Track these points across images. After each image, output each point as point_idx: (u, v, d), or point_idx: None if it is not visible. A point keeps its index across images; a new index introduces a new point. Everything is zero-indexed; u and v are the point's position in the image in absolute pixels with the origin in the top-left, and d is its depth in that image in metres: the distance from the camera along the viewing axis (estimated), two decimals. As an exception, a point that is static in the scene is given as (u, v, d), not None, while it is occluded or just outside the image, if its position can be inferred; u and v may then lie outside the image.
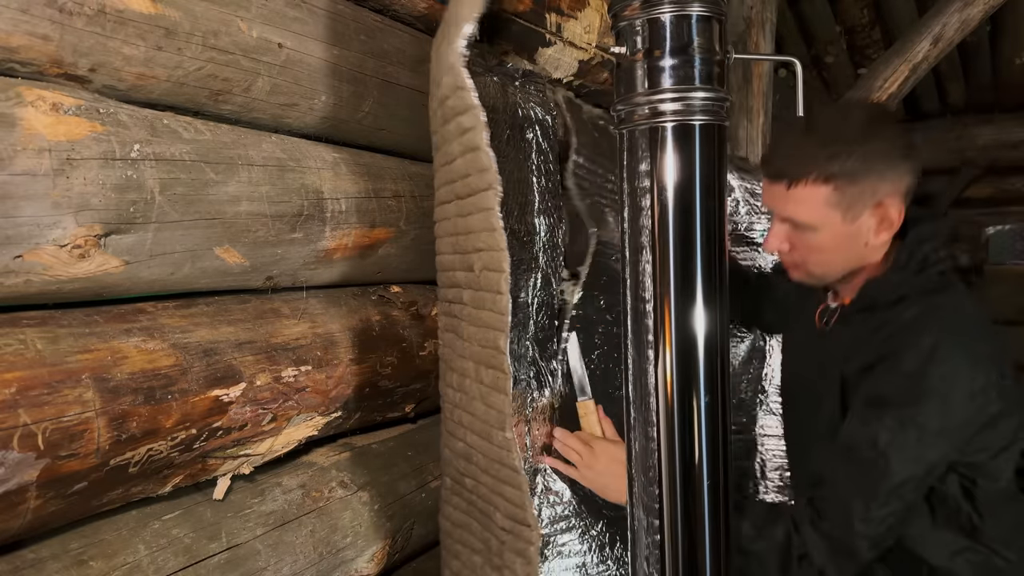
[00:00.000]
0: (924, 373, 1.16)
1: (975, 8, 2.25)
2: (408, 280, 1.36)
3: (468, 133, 1.01)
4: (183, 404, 0.90)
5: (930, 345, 1.17)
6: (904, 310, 1.24)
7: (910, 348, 1.19)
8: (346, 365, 1.15)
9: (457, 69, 0.99)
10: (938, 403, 1.16)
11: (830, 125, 1.24)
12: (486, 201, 1.00)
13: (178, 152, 0.89)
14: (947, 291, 1.24)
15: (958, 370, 1.17)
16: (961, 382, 1.17)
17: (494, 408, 1.06)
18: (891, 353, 1.20)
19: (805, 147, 1.22)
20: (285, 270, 1.09)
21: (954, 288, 1.25)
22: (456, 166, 1.06)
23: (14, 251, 0.76)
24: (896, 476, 1.17)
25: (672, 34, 0.88)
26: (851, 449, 1.21)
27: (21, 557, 0.83)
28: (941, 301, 1.23)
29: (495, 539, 1.14)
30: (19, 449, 0.74)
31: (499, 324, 1.03)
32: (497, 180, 0.97)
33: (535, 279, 1.26)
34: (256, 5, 0.98)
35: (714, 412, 0.95)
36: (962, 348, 1.18)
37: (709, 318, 0.93)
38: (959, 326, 1.21)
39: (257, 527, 1.05)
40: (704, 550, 0.97)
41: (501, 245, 1.00)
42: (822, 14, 3.49)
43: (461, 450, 1.16)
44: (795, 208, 1.24)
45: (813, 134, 1.23)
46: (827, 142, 1.21)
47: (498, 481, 1.10)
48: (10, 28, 0.74)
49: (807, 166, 1.21)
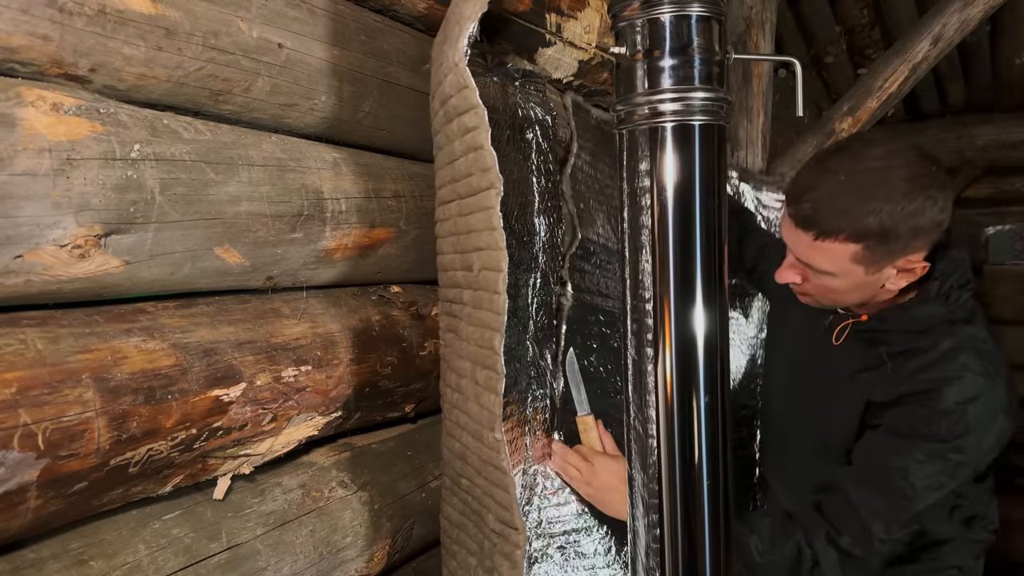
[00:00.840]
0: (965, 411, 1.18)
1: (975, 8, 2.25)
2: (408, 280, 1.36)
3: (471, 132, 1.01)
4: (183, 404, 0.90)
5: (971, 383, 1.19)
6: (936, 341, 1.23)
7: (950, 384, 1.20)
8: (346, 365, 1.15)
9: (461, 68, 0.99)
10: (975, 439, 1.19)
11: (872, 181, 1.14)
12: (487, 200, 1.00)
13: (178, 152, 0.89)
14: (974, 321, 1.25)
15: (994, 406, 1.20)
16: (996, 418, 1.20)
17: (486, 408, 1.06)
18: (931, 389, 1.21)
19: (841, 202, 1.14)
20: (285, 270, 1.09)
21: (978, 316, 1.26)
22: (458, 165, 1.06)
23: (14, 251, 0.76)
24: (921, 503, 1.20)
25: (672, 34, 0.88)
26: (876, 474, 1.23)
27: (21, 557, 0.83)
28: (971, 332, 1.23)
29: (488, 540, 1.14)
30: (19, 449, 0.74)
31: (495, 324, 1.03)
32: (499, 179, 0.98)
33: (535, 279, 1.26)
34: (256, 5, 0.98)
35: (714, 412, 0.95)
36: (996, 384, 1.21)
37: (709, 318, 0.93)
38: (991, 359, 1.23)
39: (257, 527, 1.05)
40: (704, 549, 0.97)
41: (500, 244, 1.00)
42: (822, 14, 3.49)
43: (458, 450, 1.17)
44: (818, 257, 1.20)
45: (852, 188, 1.14)
46: (866, 199, 1.13)
47: (489, 483, 1.10)
48: (10, 28, 0.74)
49: (840, 223, 1.14)
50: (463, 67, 0.99)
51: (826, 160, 1.19)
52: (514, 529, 1.08)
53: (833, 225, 1.15)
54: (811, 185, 1.18)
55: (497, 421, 1.04)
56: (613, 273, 1.48)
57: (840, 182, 1.15)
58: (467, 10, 1.01)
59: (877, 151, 1.15)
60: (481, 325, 1.07)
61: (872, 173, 1.14)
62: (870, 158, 1.15)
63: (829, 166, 1.17)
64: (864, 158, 1.15)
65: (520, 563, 1.08)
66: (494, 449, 1.06)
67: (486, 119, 0.97)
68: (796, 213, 1.19)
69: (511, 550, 1.09)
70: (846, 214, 1.14)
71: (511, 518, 1.08)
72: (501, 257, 1.00)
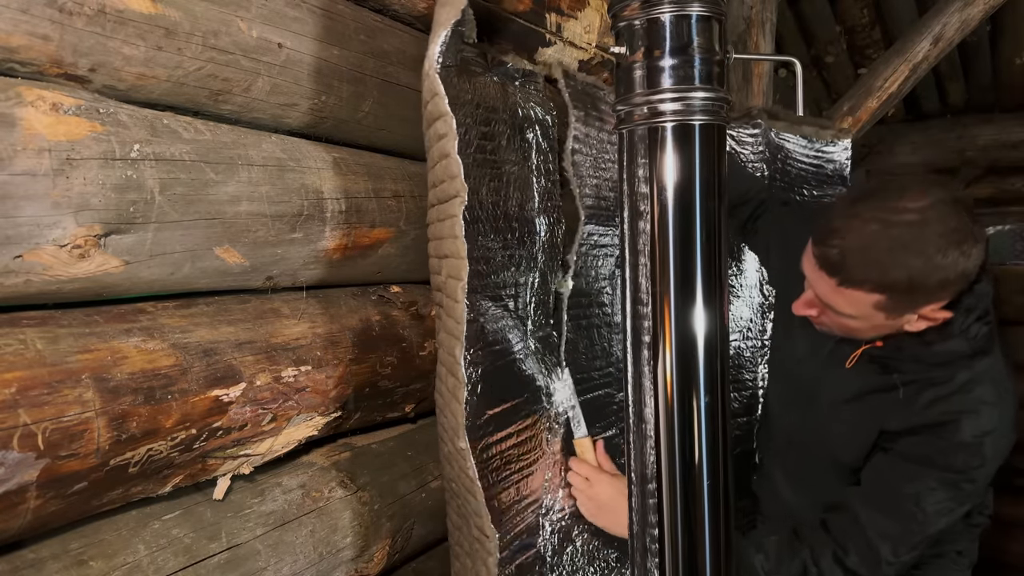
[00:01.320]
0: (982, 444, 1.19)
1: (975, 8, 2.25)
2: (408, 280, 1.36)
3: (442, 140, 1.02)
4: (183, 404, 0.90)
5: (988, 416, 1.20)
6: (953, 374, 1.22)
7: (967, 418, 1.20)
8: (346, 365, 1.15)
9: (431, 76, 1.00)
10: (987, 469, 1.21)
11: (906, 235, 1.08)
12: (452, 208, 1.01)
13: (178, 152, 0.89)
14: (991, 351, 1.24)
15: (1006, 438, 1.22)
16: (1006, 446, 1.23)
17: (454, 416, 1.06)
18: (948, 422, 1.20)
19: (871, 253, 1.10)
20: (285, 270, 1.09)
21: (995, 344, 1.25)
22: (436, 171, 1.07)
23: (14, 251, 0.76)
24: (931, 528, 1.22)
25: (672, 34, 0.88)
26: (888, 498, 1.23)
27: (21, 557, 0.83)
28: (988, 364, 1.23)
29: (474, 544, 1.15)
30: (19, 449, 0.74)
31: (457, 332, 1.03)
32: (463, 188, 0.98)
33: (533, 278, 1.26)
34: (256, 5, 0.98)
35: (714, 412, 0.95)
36: (1009, 415, 1.22)
37: (709, 318, 0.93)
38: (1004, 384, 1.24)
39: (257, 527, 1.05)
40: (704, 549, 0.97)
41: (462, 254, 1.00)
42: (822, 14, 3.49)
43: (446, 454, 1.17)
44: (840, 301, 1.17)
45: (884, 240, 1.09)
46: (898, 253, 1.08)
47: (465, 489, 1.10)
48: (10, 28, 0.74)
49: (868, 274, 1.11)
50: (433, 75, 0.99)
51: (858, 204, 1.13)
52: (486, 536, 1.08)
53: (860, 275, 1.12)
54: (841, 230, 1.12)
55: (461, 430, 1.04)
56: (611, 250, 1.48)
57: (871, 232, 1.10)
58: (442, 17, 1.01)
59: (913, 202, 1.09)
60: (448, 332, 1.07)
61: (907, 227, 1.08)
62: (905, 210, 1.09)
63: (861, 212, 1.12)
64: (899, 209, 1.09)
65: (494, 570, 1.08)
66: (463, 457, 1.06)
67: (454, 127, 0.98)
68: (822, 255, 1.15)
69: (486, 556, 1.09)
70: (875, 266, 1.10)
71: (482, 524, 1.08)
72: (462, 267, 1.00)
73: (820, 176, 2.16)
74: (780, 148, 2.02)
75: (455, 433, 1.07)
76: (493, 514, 1.11)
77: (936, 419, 1.21)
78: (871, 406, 1.29)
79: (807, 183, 2.12)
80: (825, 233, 1.15)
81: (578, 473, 1.27)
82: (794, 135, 2.06)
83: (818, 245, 1.16)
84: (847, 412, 1.33)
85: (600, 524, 1.28)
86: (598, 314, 1.45)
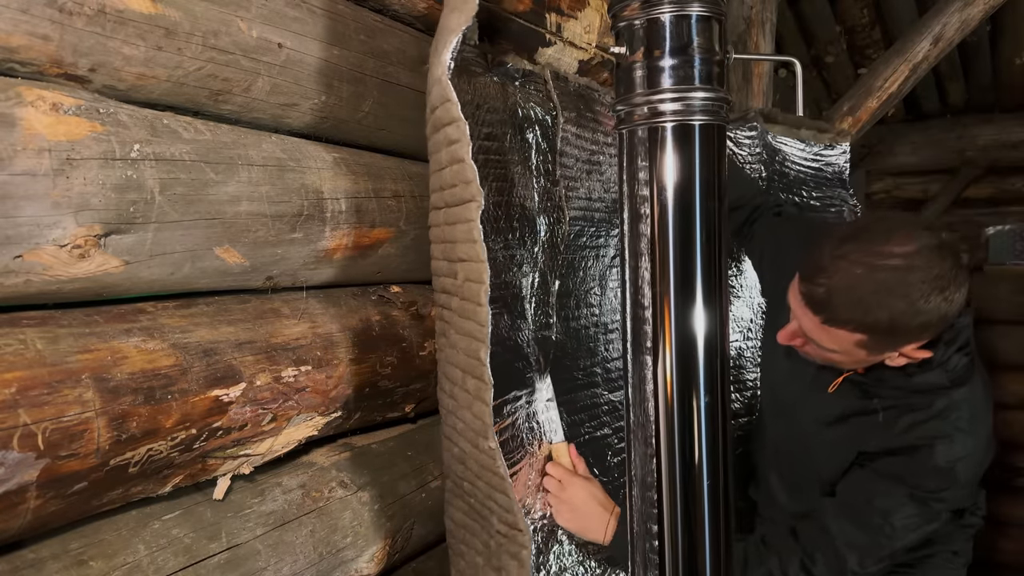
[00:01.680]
0: (953, 468, 1.24)
1: (975, 8, 2.25)
2: (408, 280, 1.36)
3: (454, 145, 1.01)
4: (183, 404, 0.90)
5: (961, 443, 1.24)
6: (931, 401, 1.26)
7: (941, 443, 1.24)
8: (346, 365, 1.15)
9: (444, 82, 0.99)
10: (957, 492, 1.26)
11: (891, 279, 1.10)
12: (468, 212, 1.01)
13: (178, 152, 0.89)
14: (970, 380, 1.27)
15: (977, 461, 1.26)
16: (979, 468, 1.28)
17: (479, 418, 1.06)
18: (922, 446, 1.25)
19: (856, 294, 1.11)
20: (285, 270, 1.09)
21: (975, 371, 1.28)
22: (444, 175, 1.06)
23: (14, 251, 0.76)
24: (898, 542, 1.26)
25: (672, 34, 0.88)
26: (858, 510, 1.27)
27: (21, 557, 0.82)
28: (964, 393, 1.26)
29: (493, 541, 1.15)
30: (19, 449, 0.74)
31: (480, 335, 1.03)
32: (479, 192, 0.98)
33: (534, 278, 1.27)
34: (256, 5, 0.98)
35: (714, 413, 0.95)
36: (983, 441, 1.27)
37: (709, 318, 0.93)
38: (982, 418, 1.28)
39: (257, 527, 1.05)
40: (704, 549, 0.97)
41: (482, 257, 1.00)
42: (822, 14, 3.49)
43: (457, 455, 1.17)
44: (823, 337, 1.20)
45: (869, 283, 1.11)
46: (882, 296, 1.10)
47: (489, 487, 1.10)
48: (10, 28, 0.74)
49: (852, 315, 1.13)
50: (445, 81, 0.99)
51: (846, 245, 1.14)
52: (519, 531, 1.08)
53: (844, 315, 1.14)
54: (828, 269, 1.14)
55: (489, 430, 1.04)
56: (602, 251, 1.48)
57: (858, 274, 1.11)
58: (452, 23, 1.01)
59: (900, 246, 1.11)
60: (467, 335, 1.07)
61: (892, 272, 1.10)
62: (892, 255, 1.10)
63: (848, 253, 1.13)
64: (886, 254, 1.11)
65: (527, 562, 1.08)
66: (490, 456, 1.06)
67: (467, 132, 0.98)
68: (808, 293, 1.17)
69: (517, 550, 1.09)
70: (859, 307, 1.12)
71: (515, 520, 1.08)
72: (483, 269, 1.00)
73: (819, 179, 2.16)
74: (777, 151, 2.02)
75: (480, 434, 1.06)
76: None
77: (912, 442, 1.26)
78: (852, 429, 1.34)
79: (806, 185, 2.12)
80: (813, 271, 1.17)
81: (552, 476, 1.28)
82: (791, 138, 2.07)
83: (805, 282, 1.18)
84: (829, 434, 1.37)
85: (572, 528, 1.27)
86: (587, 315, 1.45)
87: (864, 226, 1.19)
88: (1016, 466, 4.27)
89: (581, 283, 1.43)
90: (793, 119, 2.10)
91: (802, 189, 2.10)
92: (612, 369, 1.51)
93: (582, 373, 1.43)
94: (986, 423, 1.29)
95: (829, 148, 2.19)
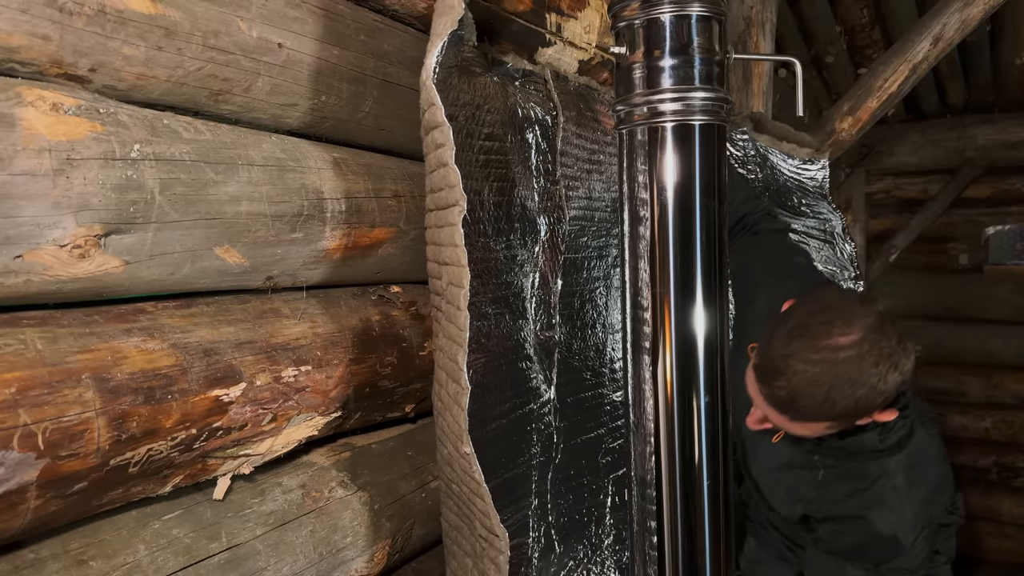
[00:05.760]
0: (895, 536, 1.29)
1: (975, 8, 2.25)
2: (408, 280, 1.36)
3: (439, 149, 1.02)
4: (183, 404, 0.90)
5: (899, 508, 1.28)
6: (864, 467, 1.31)
7: (877, 512, 1.29)
8: (346, 365, 1.15)
9: (428, 86, 1.00)
10: (907, 555, 1.30)
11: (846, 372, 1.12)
12: (451, 216, 1.01)
13: (178, 152, 0.89)
14: (913, 438, 1.31)
15: (917, 523, 1.30)
16: (924, 531, 1.31)
17: (457, 422, 1.06)
18: (857, 516, 1.31)
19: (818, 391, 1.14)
20: (285, 270, 1.09)
21: (919, 432, 1.33)
22: (433, 178, 1.07)
23: (14, 251, 0.76)
24: None
25: (672, 34, 0.88)
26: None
27: (21, 557, 0.83)
28: (898, 460, 1.30)
29: (478, 544, 1.15)
30: (19, 449, 0.74)
31: (460, 339, 1.03)
32: (463, 197, 0.98)
33: (534, 278, 1.26)
34: (256, 5, 0.98)
35: (714, 412, 0.95)
36: (926, 500, 1.31)
37: (709, 318, 0.93)
38: (926, 477, 1.32)
39: (257, 527, 1.05)
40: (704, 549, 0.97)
41: (463, 261, 1.01)
42: (822, 14, 3.49)
43: (446, 456, 1.17)
44: (792, 427, 1.24)
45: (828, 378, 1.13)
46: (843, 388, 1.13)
47: (471, 491, 1.11)
48: (10, 28, 0.74)
49: (819, 412, 1.16)
50: (430, 85, 0.99)
51: (794, 343, 1.16)
52: (495, 536, 1.08)
53: (812, 413, 1.17)
54: (784, 372, 1.16)
55: (465, 435, 1.04)
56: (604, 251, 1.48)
57: (815, 374, 1.14)
58: (438, 27, 1.02)
59: (845, 336, 1.13)
60: (450, 338, 1.07)
61: (846, 364, 1.13)
62: (840, 347, 1.13)
63: (798, 352, 1.15)
64: (834, 347, 1.13)
65: (504, 568, 1.09)
66: (468, 462, 1.06)
67: (451, 137, 0.98)
68: (771, 395, 1.19)
69: (495, 555, 1.10)
70: (826, 404, 1.15)
71: (491, 525, 1.08)
72: (463, 274, 1.01)
73: (803, 189, 2.20)
74: (767, 157, 2.05)
75: (458, 438, 1.07)
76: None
77: (850, 512, 1.31)
78: (795, 478, 1.39)
79: (794, 193, 2.18)
80: (771, 373, 1.18)
81: None
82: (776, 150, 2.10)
83: (765, 384, 1.19)
84: (776, 475, 1.44)
85: None
86: (592, 314, 1.45)
87: (804, 319, 1.19)
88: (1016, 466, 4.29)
89: (585, 283, 1.43)
90: (778, 129, 2.11)
91: (792, 197, 2.14)
92: (618, 369, 1.51)
93: (590, 373, 1.43)
94: (930, 478, 1.32)
95: (809, 162, 2.23)
